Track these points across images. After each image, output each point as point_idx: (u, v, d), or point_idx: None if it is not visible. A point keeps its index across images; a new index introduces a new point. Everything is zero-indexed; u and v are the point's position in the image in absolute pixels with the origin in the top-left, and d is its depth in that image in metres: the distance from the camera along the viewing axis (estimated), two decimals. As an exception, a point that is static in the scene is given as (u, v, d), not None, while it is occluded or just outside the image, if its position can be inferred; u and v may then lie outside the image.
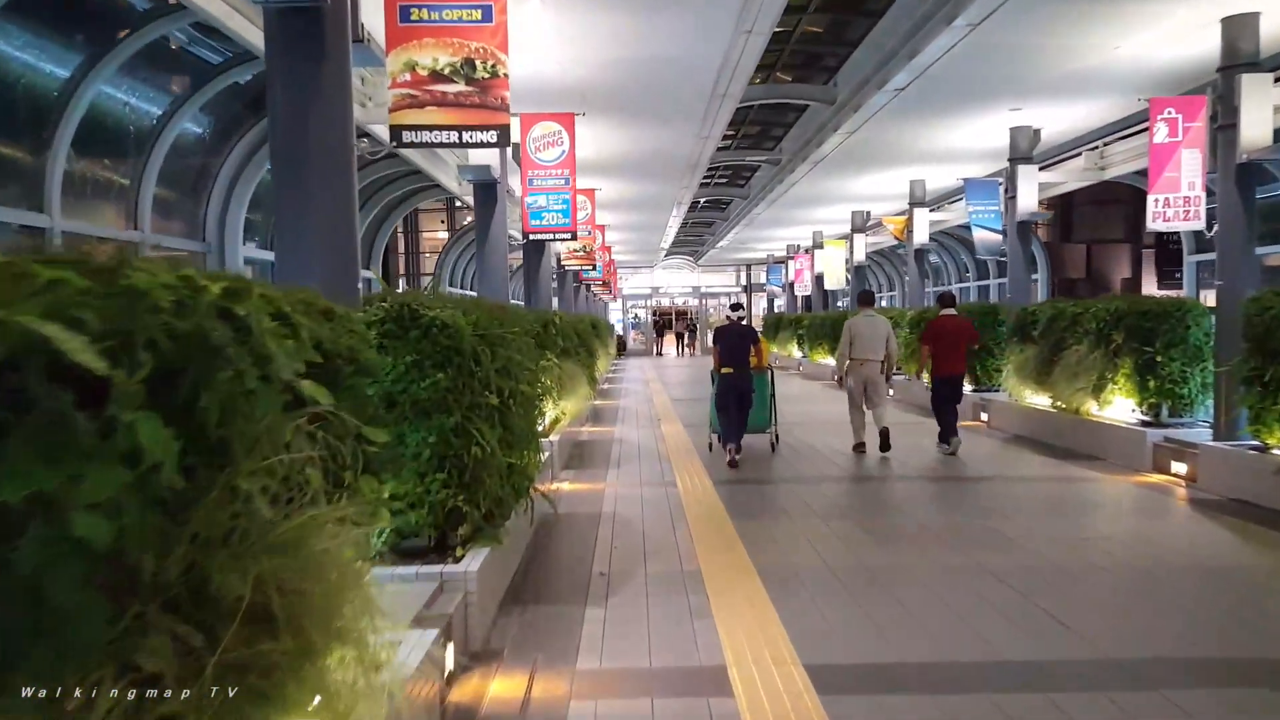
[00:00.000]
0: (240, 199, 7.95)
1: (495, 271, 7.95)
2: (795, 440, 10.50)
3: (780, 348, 27.48)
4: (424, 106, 5.75)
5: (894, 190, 18.36)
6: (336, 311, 2.70)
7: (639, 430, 12.13)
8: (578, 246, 13.64)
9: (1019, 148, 12.31)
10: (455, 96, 5.73)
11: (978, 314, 13.08)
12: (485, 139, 5.87)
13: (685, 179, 16.34)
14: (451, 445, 4.18)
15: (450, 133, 5.83)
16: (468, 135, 5.83)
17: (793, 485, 7.81)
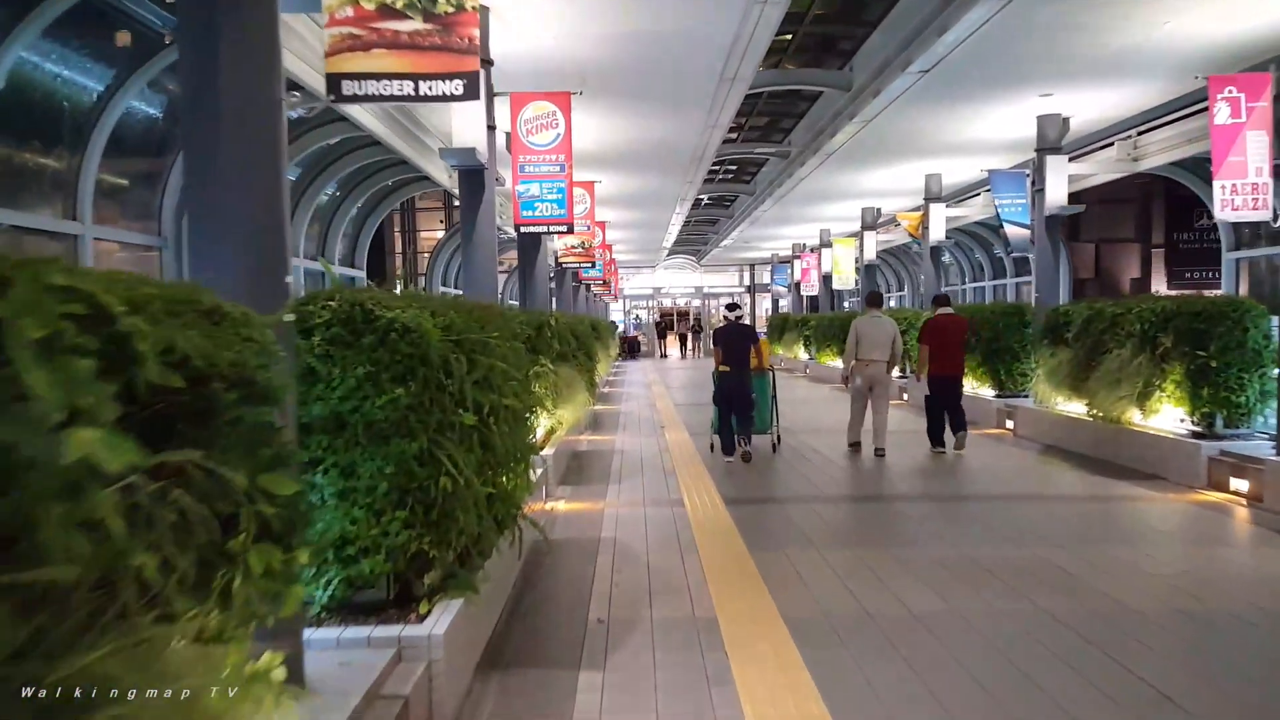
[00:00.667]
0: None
1: (483, 268, 7.20)
2: (808, 450, 9.74)
3: (786, 349, 26.72)
4: (370, 49, 4.63)
5: (908, 185, 17.60)
6: (227, 313, 1.93)
7: (641, 438, 11.38)
8: (576, 243, 12.92)
9: (1047, 137, 11.55)
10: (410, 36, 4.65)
11: (1000, 314, 12.35)
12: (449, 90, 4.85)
13: (690, 173, 15.58)
14: (415, 476, 3.42)
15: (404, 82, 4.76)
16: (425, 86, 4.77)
17: (811, 505, 7.05)
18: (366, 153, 9.51)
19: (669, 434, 11.66)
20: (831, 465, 8.82)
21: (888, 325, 9.38)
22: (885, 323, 9.41)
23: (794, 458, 9.34)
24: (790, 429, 11.73)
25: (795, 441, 10.68)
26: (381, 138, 8.56)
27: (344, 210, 10.37)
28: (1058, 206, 11.37)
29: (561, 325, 9.29)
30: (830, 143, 13.53)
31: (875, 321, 9.39)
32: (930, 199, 16.21)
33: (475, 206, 7.03)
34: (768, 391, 9.59)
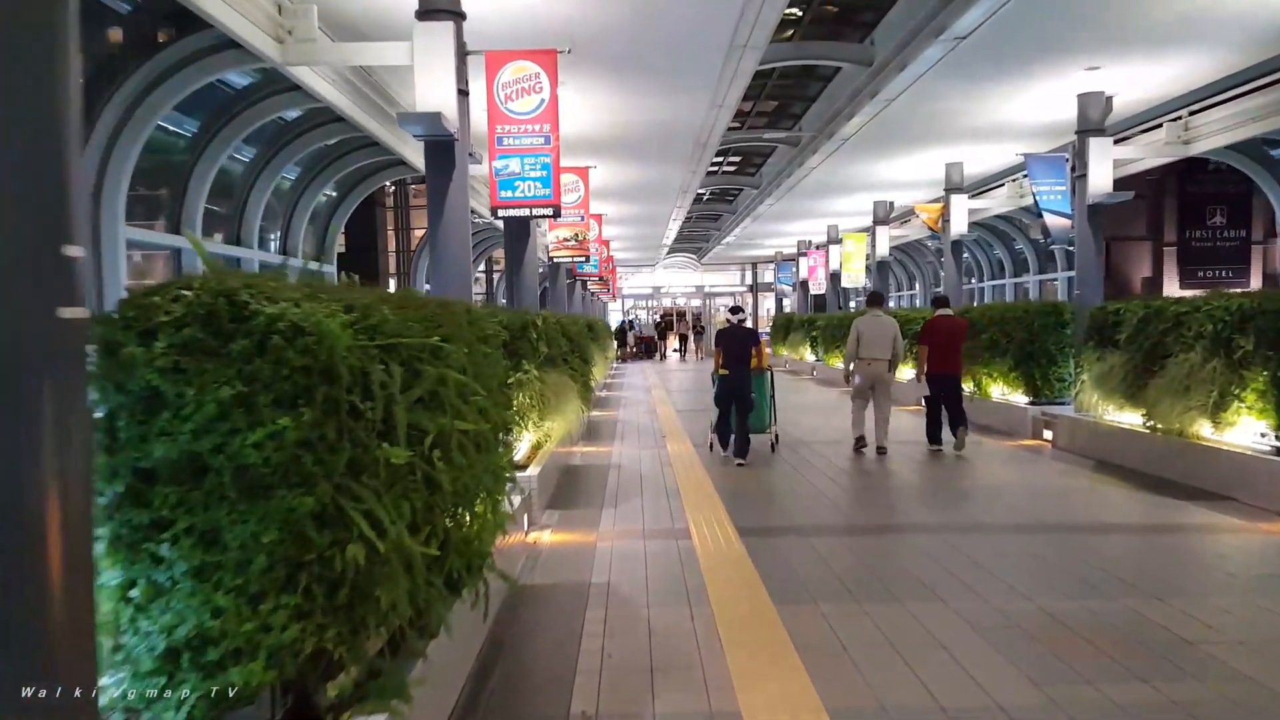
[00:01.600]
0: (122, 164, 6.14)
1: (452, 259, 6.13)
2: (823, 463, 8.70)
3: (792, 350, 25.69)
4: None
5: (925, 176, 16.57)
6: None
7: (641, 449, 10.34)
8: (568, 235, 11.87)
9: (1089, 118, 10.50)
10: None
11: (1036, 314, 11.30)
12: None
13: (693, 161, 14.53)
14: (312, 543, 2.37)
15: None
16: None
17: (838, 537, 6.00)
18: (331, 130, 8.44)
19: (671, 444, 10.61)
20: (852, 482, 7.79)
21: (888, 324, 9.44)
22: (886, 322, 9.46)
23: (810, 472, 8.30)
24: (802, 439, 10.76)
25: (809, 454, 9.65)
26: (343, 111, 7.50)
27: (309, 197, 9.32)
28: (1102, 194, 10.32)
29: (550, 326, 8.25)
30: (845, 127, 12.49)
31: (876, 321, 9.45)
32: (951, 189, 15.16)
33: (443, 187, 5.97)
34: (766, 391, 9.68)
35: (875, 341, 9.34)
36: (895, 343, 9.40)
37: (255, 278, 2.57)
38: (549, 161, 6.74)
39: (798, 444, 10.52)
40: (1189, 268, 43.49)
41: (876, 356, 9.35)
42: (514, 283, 10.03)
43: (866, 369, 9.39)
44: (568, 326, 11.27)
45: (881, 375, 9.39)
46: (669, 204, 19.58)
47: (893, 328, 9.42)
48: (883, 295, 10.48)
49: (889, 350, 9.36)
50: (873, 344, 9.35)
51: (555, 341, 8.31)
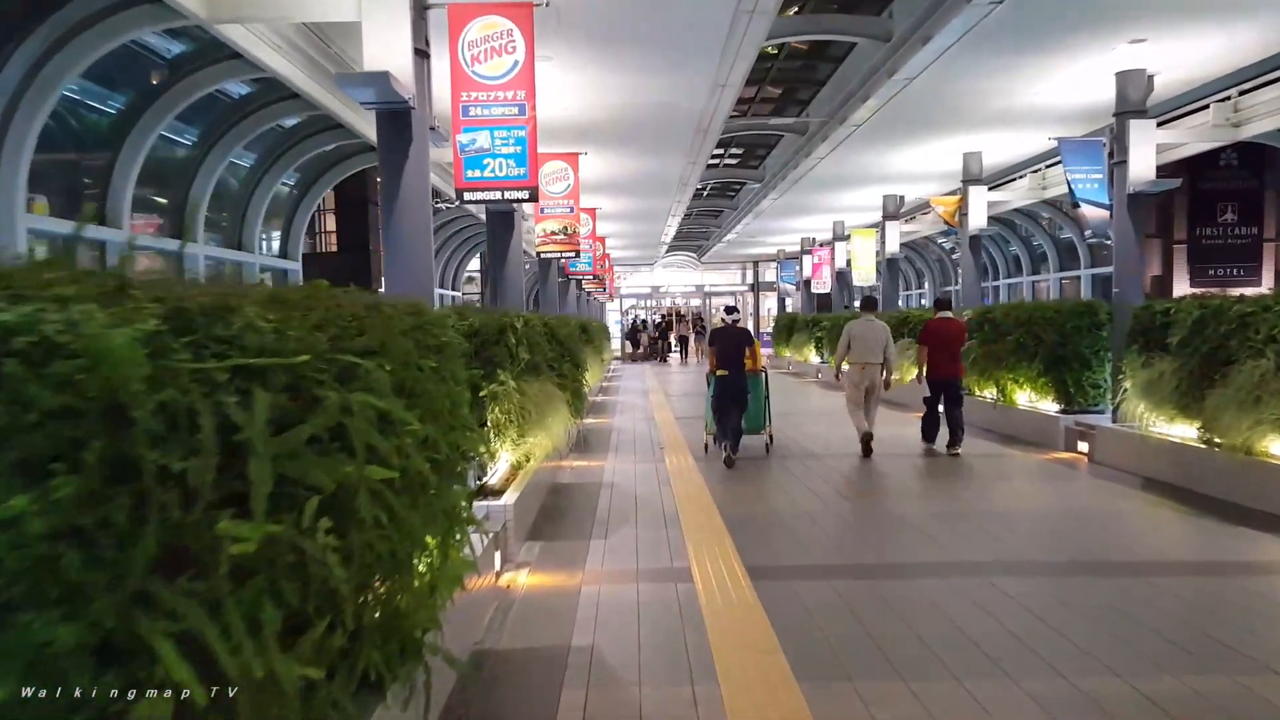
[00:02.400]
0: (20, 143, 5.22)
1: (409, 251, 5.21)
2: (840, 481, 7.79)
3: (795, 352, 24.80)
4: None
5: (939, 167, 15.67)
6: None
7: (637, 463, 9.45)
8: (556, 228, 10.93)
9: (1129, 98, 9.60)
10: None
11: (1068, 314, 10.41)
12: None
13: (694, 150, 13.62)
14: (75, 687, 1.46)
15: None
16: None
17: (867, 581, 5.10)
18: (284, 108, 7.51)
19: (670, 457, 9.71)
20: (870, 504, 6.89)
21: (880, 329, 9.54)
22: (878, 326, 9.57)
23: (824, 490, 7.41)
24: (811, 451, 9.93)
25: (820, 468, 8.79)
26: (295, 85, 6.55)
27: (265, 186, 8.40)
28: (1144, 182, 9.41)
29: (533, 329, 7.34)
30: (858, 112, 11.60)
31: (869, 325, 9.54)
32: (970, 181, 14.25)
33: (398, 165, 5.05)
34: (761, 392, 9.78)
35: (868, 346, 9.45)
36: (887, 348, 9.49)
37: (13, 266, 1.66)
38: (524, 135, 5.81)
39: (807, 456, 9.63)
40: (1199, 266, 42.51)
41: (869, 361, 9.47)
42: (497, 281, 9.12)
43: (859, 373, 9.51)
44: (556, 329, 10.37)
45: (873, 379, 9.48)
46: (668, 198, 18.68)
47: (885, 332, 9.51)
48: (876, 300, 10.54)
49: (880, 354, 9.45)
50: (866, 348, 9.45)
51: (539, 347, 7.41)
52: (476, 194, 5.97)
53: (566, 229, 10.80)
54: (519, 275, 9.55)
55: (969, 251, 14.33)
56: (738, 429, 9.03)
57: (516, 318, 6.82)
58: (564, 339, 10.69)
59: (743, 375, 9.13)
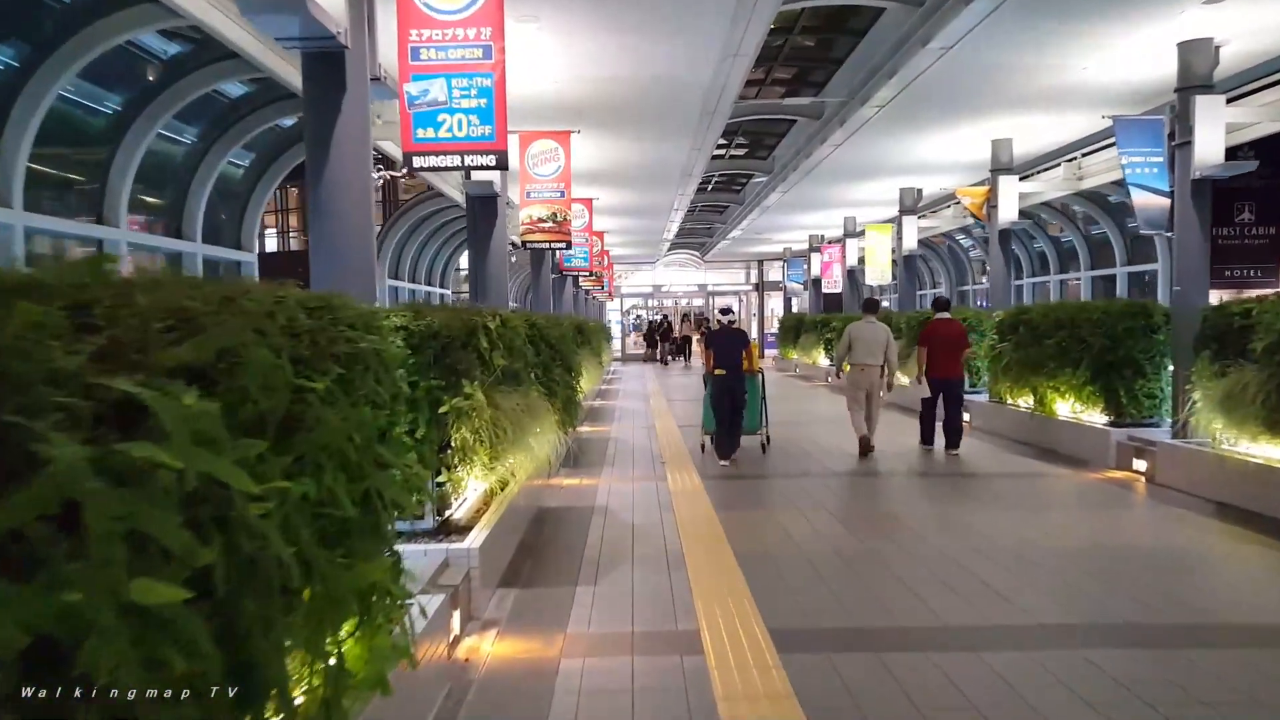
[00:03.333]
0: None
1: (343, 229, 4.12)
2: (868, 509, 6.68)
3: (803, 354, 23.72)
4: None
5: (963, 157, 14.62)
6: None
7: (635, 482, 8.40)
8: (544, 214, 9.77)
9: (1193, 71, 8.53)
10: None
11: (1118, 315, 9.33)
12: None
13: (700, 134, 12.57)
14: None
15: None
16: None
17: (935, 656, 4.02)
18: (222, 70, 6.41)
19: (673, 474, 8.64)
20: (910, 537, 5.81)
21: (881, 331, 9.60)
22: (879, 328, 9.63)
23: (850, 518, 6.33)
24: (832, 469, 8.94)
25: (842, 487, 7.72)
26: (229, 39, 5.47)
27: (210, 163, 7.32)
28: (1213, 165, 8.33)
29: (513, 331, 6.26)
30: (882, 90, 10.56)
31: (870, 327, 9.62)
32: (999, 170, 13.17)
33: (328, 120, 3.96)
34: (757, 393, 9.88)
35: (869, 348, 9.51)
36: (888, 349, 9.54)
37: None
38: (489, 86, 4.70)
39: (828, 475, 8.57)
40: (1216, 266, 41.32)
41: (869, 363, 9.52)
42: (477, 275, 8.06)
43: (859, 374, 9.58)
44: (546, 330, 9.30)
45: (873, 381, 9.56)
46: (671, 191, 17.61)
47: (885, 334, 9.57)
48: (877, 302, 10.49)
49: (881, 356, 9.51)
50: (866, 350, 9.52)
51: (519, 351, 6.33)
52: (429, 159, 4.85)
53: (556, 216, 9.69)
54: (503, 269, 8.48)
55: (998, 246, 13.24)
56: (735, 429, 9.12)
57: (490, 316, 5.74)
58: (555, 341, 9.62)
59: (740, 375, 9.19)
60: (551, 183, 9.68)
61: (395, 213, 13.77)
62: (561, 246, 10.14)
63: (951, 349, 9.76)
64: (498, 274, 8.32)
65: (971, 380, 14.03)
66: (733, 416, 9.13)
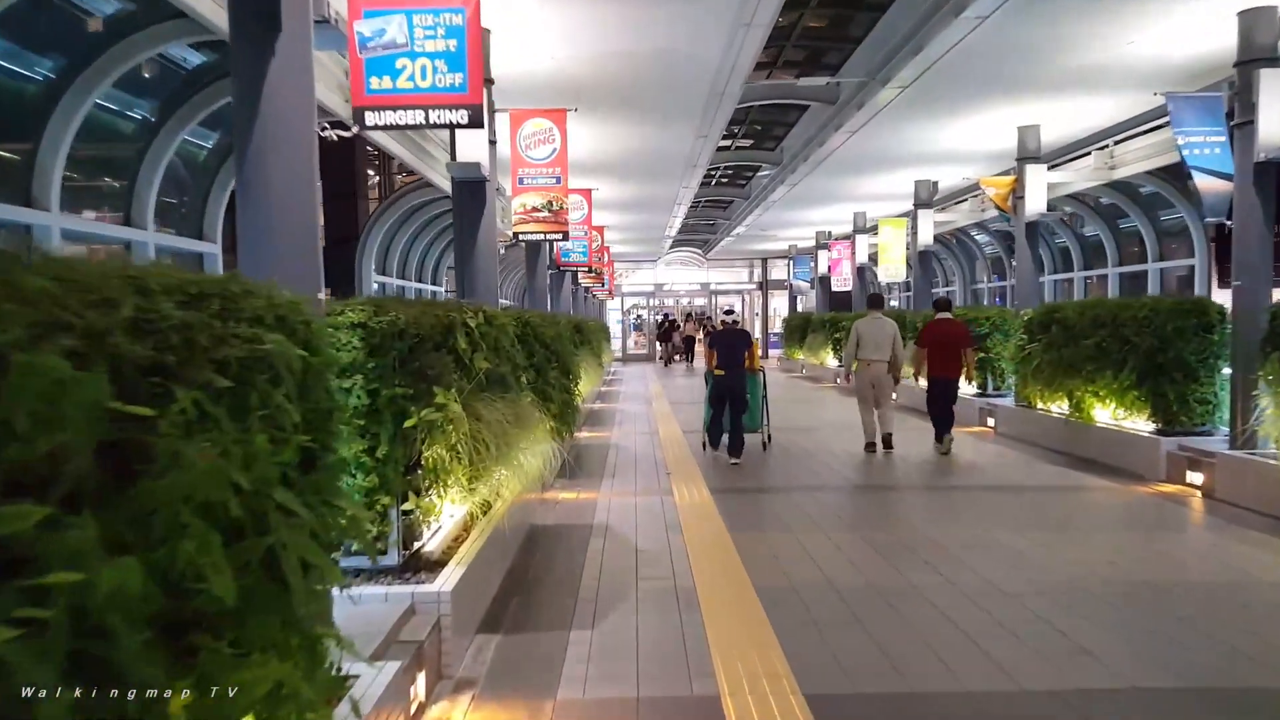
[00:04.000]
0: None
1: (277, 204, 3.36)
2: (907, 533, 5.91)
3: (810, 354, 22.94)
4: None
5: (985, 146, 13.86)
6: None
7: (638, 496, 7.65)
8: (539, 203, 8.90)
9: (1255, 43, 7.76)
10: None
11: (1168, 314, 8.56)
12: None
13: (706, 120, 11.82)
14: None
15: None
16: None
17: None
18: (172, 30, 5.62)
19: (680, 488, 7.88)
20: (956, 568, 5.04)
21: (888, 327, 9.70)
22: (885, 324, 9.72)
23: (887, 542, 5.57)
24: (853, 481, 8.11)
25: (868, 503, 6.96)
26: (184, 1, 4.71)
27: (163, 141, 6.54)
28: (1277, 147, 7.55)
29: (499, 329, 5.49)
30: (906, 69, 9.78)
31: (876, 323, 9.73)
32: (1026, 159, 12.39)
33: (258, 73, 3.17)
34: (759, 392, 9.99)
35: (875, 343, 9.62)
36: (895, 345, 9.64)
37: None
38: (460, 24, 3.89)
39: (847, 488, 7.82)
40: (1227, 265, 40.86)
41: (875, 358, 9.63)
42: (463, 269, 7.30)
43: (866, 370, 9.69)
44: (540, 329, 8.54)
45: (880, 376, 9.65)
46: (674, 183, 16.83)
47: (892, 330, 9.66)
48: (883, 298, 10.57)
49: (888, 352, 9.62)
50: (873, 346, 9.62)
51: (507, 354, 5.56)
52: (384, 114, 4.06)
53: (551, 204, 8.89)
54: (491, 262, 7.70)
55: (1024, 240, 12.45)
56: (738, 428, 9.12)
57: (472, 313, 4.97)
58: (550, 342, 8.86)
59: (741, 375, 9.19)
60: (545, 167, 8.89)
61: (383, 202, 12.96)
62: (557, 238, 9.36)
63: (951, 349, 9.80)
64: (486, 267, 7.55)
65: (995, 383, 13.28)
66: (735, 416, 9.12)
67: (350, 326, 3.86)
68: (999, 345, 13.17)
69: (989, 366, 13.15)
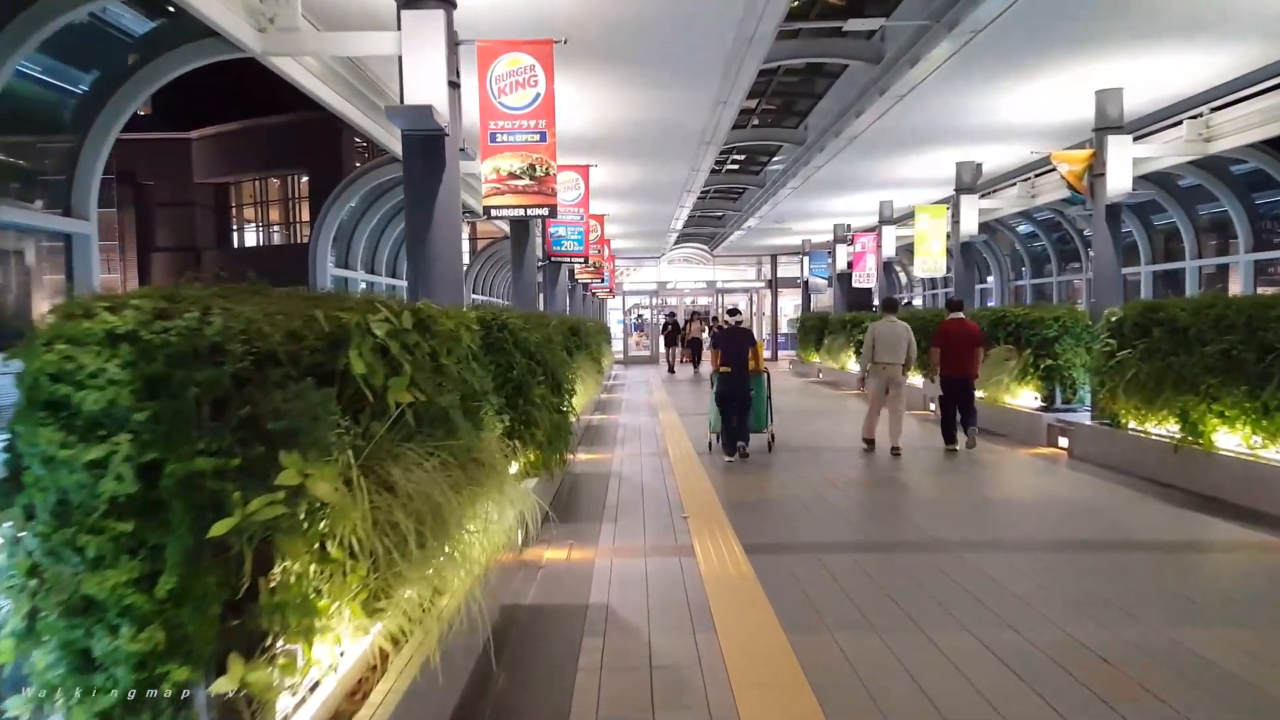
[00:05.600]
0: None
1: None
2: (977, 612, 4.02)
3: (829, 358, 21.09)
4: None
5: (1046, 118, 11.99)
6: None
7: (648, 557, 5.83)
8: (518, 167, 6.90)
9: None
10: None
11: None
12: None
13: (726, 83, 9.94)
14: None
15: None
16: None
17: None
18: None
19: (704, 544, 6.04)
20: (1056, 666, 3.18)
21: (902, 330, 9.89)
22: (900, 327, 9.92)
23: (1021, 651, 3.68)
24: (940, 539, 6.18)
25: (969, 577, 5.05)
26: None
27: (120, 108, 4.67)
28: None
29: (443, 339, 3.62)
30: (978, 11, 7.89)
31: (891, 326, 9.94)
32: (1106, 129, 10.49)
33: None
34: (763, 392, 10.15)
35: (890, 346, 9.82)
36: (909, 347, 9.85)
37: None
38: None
39: (938, 547, 5.92)
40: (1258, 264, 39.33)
41: (891, 361, 9.82)
42: (415, 251, 5.43)
43: (882, 373, 9.88)
44: (523, 334, 6.68)
45: (895, 378, 9.84)
46: (685, 162, 14.94)
47: (907, 333, 9.88)
48: (897, 301, 10.93)
49: (903, 355, 9.82)
50: (888, 348, 9.83)
51: (456, 376, 3.69)
52: None
53: (534, 169, 6.92)
54: (453, 244, 5.82)
55: (1105, 226, 10.54)
56: (743, 427, 9.38)
57: (387, 313, 3.08)
58: (536, 349, 7.00)
59: (745, 374, 9.44)
60: (526, 119, 6.94)
61: (343, 180, 10.99)
62: (542, 213, 7.40)
63: (966, 349, 10.01)
64: (443, 253, 5.68)
65: (1064, 395, 11.42)
66: (740, 415, 9.37)
67: (104, 342, 1.99)
68: (1068, 350, 11.31)
69: (1057, 375, 11.29)
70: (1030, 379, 11.53)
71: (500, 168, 7.00)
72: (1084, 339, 11.41)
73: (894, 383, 9.83)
